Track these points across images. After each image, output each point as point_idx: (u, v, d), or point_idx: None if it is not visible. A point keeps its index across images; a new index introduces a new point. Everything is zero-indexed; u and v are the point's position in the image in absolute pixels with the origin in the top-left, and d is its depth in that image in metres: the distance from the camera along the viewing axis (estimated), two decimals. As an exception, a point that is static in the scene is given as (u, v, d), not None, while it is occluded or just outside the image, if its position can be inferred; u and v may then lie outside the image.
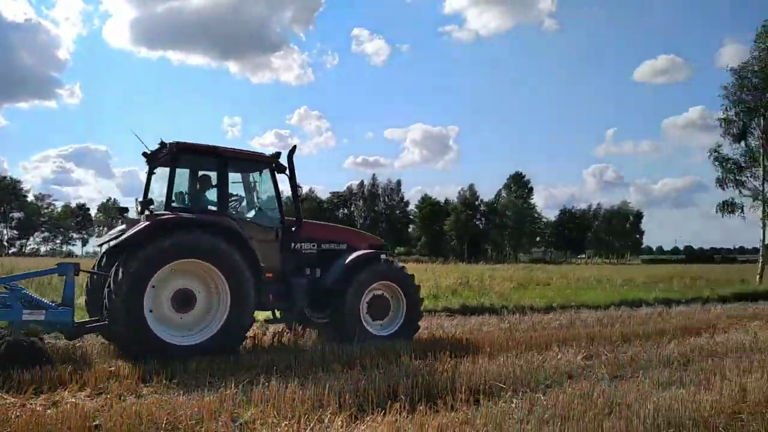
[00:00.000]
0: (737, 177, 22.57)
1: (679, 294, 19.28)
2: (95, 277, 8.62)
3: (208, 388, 5.88)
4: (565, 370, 7.11)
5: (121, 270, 7.19)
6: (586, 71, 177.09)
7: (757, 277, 23.21)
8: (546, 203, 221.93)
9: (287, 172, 9.15)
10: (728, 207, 22.92)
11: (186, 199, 8.89)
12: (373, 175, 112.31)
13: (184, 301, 7.69)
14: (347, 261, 9.08)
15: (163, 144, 8.43)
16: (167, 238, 7.46)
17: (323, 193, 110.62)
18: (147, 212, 7.88)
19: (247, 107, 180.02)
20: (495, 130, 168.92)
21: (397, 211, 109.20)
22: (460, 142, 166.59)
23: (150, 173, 9.07)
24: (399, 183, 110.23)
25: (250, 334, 8.43)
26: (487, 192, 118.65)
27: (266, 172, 9.26)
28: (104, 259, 8.66)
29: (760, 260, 23.92)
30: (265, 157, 9.20)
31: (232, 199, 9.03)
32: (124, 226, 8.37)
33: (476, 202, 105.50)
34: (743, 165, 22.54)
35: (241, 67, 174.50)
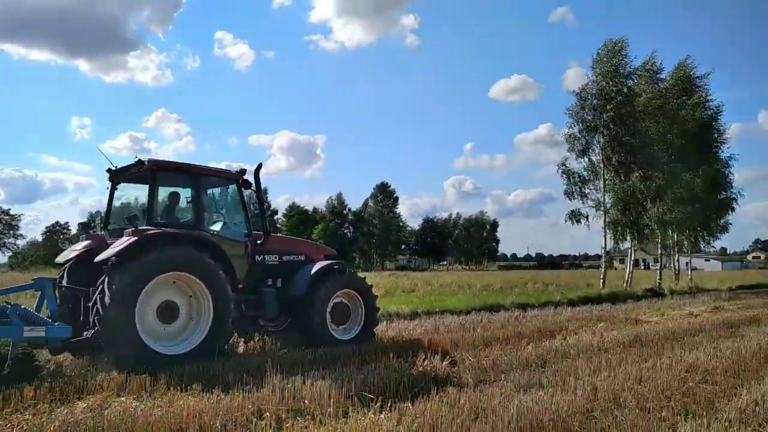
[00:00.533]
0: (582, 189, 24.56)
1: (533, 298, 20.43)
2: (64, 291, 8.48)
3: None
4: (432, 376, 7.17)
5: (114, 282, 7.36)
6: (445, 87, 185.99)
7: (601, 281, 25.26)
8: (410, 212, 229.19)
9: (253, 187, 9.61)
10: (575, 216, 24.84)
11: (159, 214, 8.91)
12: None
13: (168, 312, 8.01)
14: (312, 272, 9.75)
15: (140, 162, 8.58)
16: (155, 252, 7.77)
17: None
18: (131, 227, 8.19)
19: (99, 108, 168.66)
20: (362, 140, 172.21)
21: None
22: (327, 150, 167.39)
23: (113, 189, 9.36)
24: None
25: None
26: (354, 201, 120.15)
27: (233, 188, 9.71)
28: (68, 274, 8.59)
29: (603, 266, 26.13)
30: (232, 174, 9.61)
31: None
32: (88, 242, 8.66)
33: (344, 211, 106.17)
34: (587, 178, 24.59)
35: (92, 66, 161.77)
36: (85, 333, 7.53)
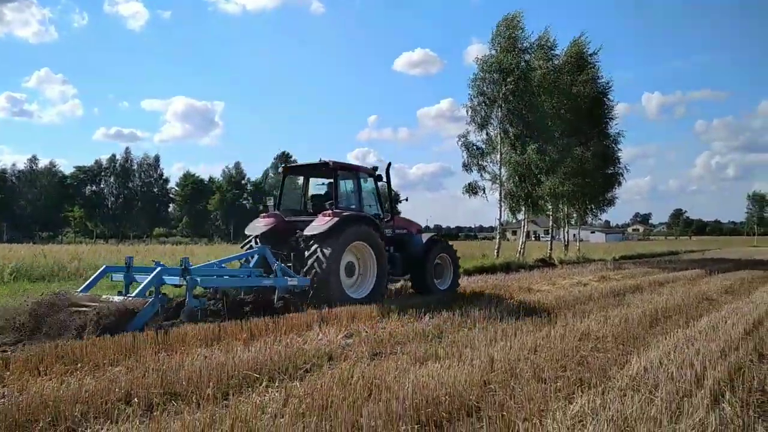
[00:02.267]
0: (480, 162, 24.91)
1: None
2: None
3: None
4: (326, 351, 6.76)
5: (326, 248, 10.44)
6: (350, 58, 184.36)
7: (495, 251, 25.89)
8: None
9: (384, 180, 12.90)
10: (472, 189, 25.17)
11: (326, 201, 11.73)
12: (126, 148, 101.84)
13: (350, 270, 11.33)
14: (424, 241, 13.31)
15: (325, 163, 11.68)
16: (349, 228, 10.87)
17: (67, 168, 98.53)
18: (330, 209, 10.99)
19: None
20: (263, 109, 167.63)
21: (155, 189, 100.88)
22: (226, 118, 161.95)
23: (285, 179, 12.85)
24: (157, 158, 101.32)
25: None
26: (254, 171, 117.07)
27: (371, 180, 12.82)
28: (257, 241, 11.61)
29: (497, 237, 26.83)
30: (371, 170, 12.77)
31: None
32: (271, 219, 11.76)
33: (243, 181, 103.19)
34: (485, 151, 24.94)
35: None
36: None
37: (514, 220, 27.39)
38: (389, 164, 13.15)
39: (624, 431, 3.98)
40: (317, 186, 12.94)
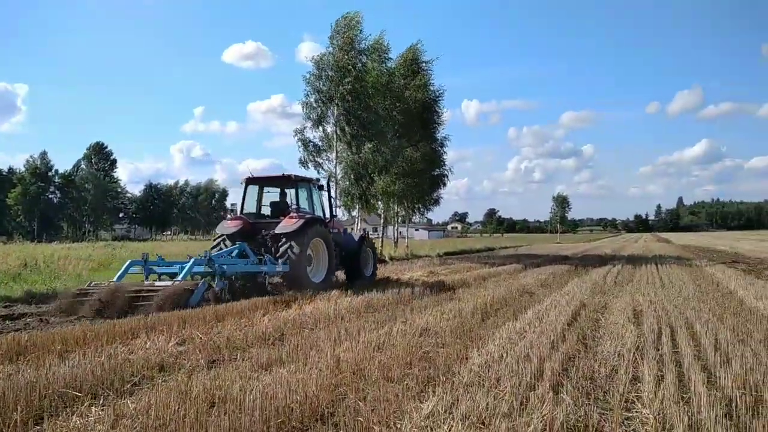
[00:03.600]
0: (316, 159, 24.74)
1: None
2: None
3: None
4: (156, 361, 6.11)
5: (297, 243, 12.74)
6: (176, 44, 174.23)
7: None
8: (131, 177, 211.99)
9: (325, 188, 15.31)
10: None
11: (282, 207, 14.59)
12: None
13: (308, 261, 13.49)
14: (357, 239, 16.11)
15: (287, 176, 14.37)
16: (312, 228, 13.37)
17: None
18: (294, 213, 13.54)
19: None
20: (76, 94, 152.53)
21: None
22: (30, 102, 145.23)
23: (247, 189, 14.62)
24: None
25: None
26: (63, 162, 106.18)
27: (316, 189, 15.11)
28: (230, 239, 13.53)
29: (331, 234, 26.88)
30: (315, 180, 15.33)
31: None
32: (238, 221, 13.75)
33: (50, 173, 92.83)
34: (321, 148, 24.82)
35: None
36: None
37: (346, 217, 27.61)
38: (329, 177, 18.22)
39: (480, 429, 3.99)
40: (268, 194, 15.08)
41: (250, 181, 14.52)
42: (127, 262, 11.87)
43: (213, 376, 5.36)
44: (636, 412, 4.50)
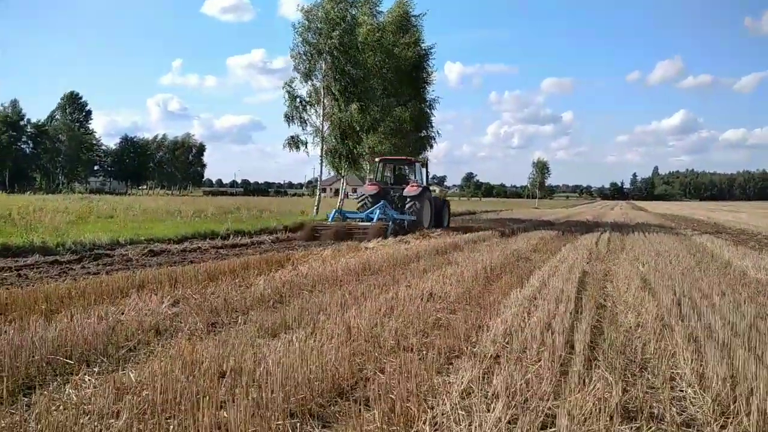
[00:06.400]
0: (302, 114, 23.95)
1: (249, 225, 19.39)
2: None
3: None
4: (151, 323, 5.65)
5: (420, 201, 19.53)
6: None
7: (315, 208, 25.36)
8: (106, 130, 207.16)
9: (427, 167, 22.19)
10: (294, 143, 24.16)
11: (401, 178, 22.02)
12: None
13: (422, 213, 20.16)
14: (443, 201, 23.19)
15: (409, 159, 22.36)
16: (424, 192, 20.16)
17: None
18: (413, 183, 20.52)
19: None
20: (47, 40, 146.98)
21: None
22: (1, 50, 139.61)
23: (378, 165, 21.78)
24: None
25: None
26: (36, 112, 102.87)
27: (420, 167, 21.72)
28: (367, 199, 19.88)
29: (318, 193, 26.28)
30: (421, 160, 22.82)
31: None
32: (375, 186, 20.14)
33: (22, 122, 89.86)
34: (308, 102, 24.00)
35: None
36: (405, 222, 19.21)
37: (331, 174, 27.03)
38: (427, 160, 24.19)
39: (524, 409, 3.61)
40: (388, 170, 22.43)
41: (382, 160, 21.86)
42: (333, 211, 19.24)
43: (218, 342, 4.90)
44: (680, 390, 4.19)
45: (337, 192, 76.51)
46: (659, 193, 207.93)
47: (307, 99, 23.98)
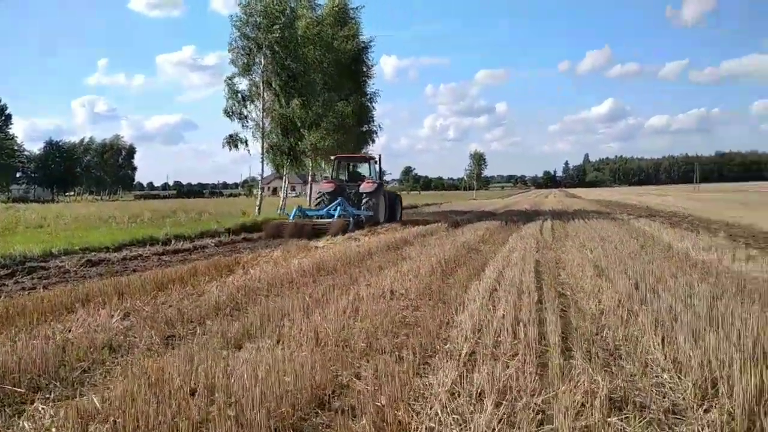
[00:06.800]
0: (241, 110, 23.29)
1: (188, 229, 18.71)
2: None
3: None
4: (103, 340, 5.28)
5: (375, 198, 20.47)
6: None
7: (257, 208, 24.76)
8: (27, 135, 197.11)
9: (376, 162, 22.64)
10: (234, 141, 23.49)
11: (356, 175, 23.04)
12: None
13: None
14: (394, 196, 24.30)
15: (370, 156, 23.79)
16: (380, 189, 21.26)
17: None
18: (369, 179, 21.43)
19: None
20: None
21: None
22: None
23: (338, 164, 22.69)
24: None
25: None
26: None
27: (374, 164, 22.61)
28: (329, 196, 20.30)
29: (260, 193, 25.66)
30: (375, 158, 22.89)
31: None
32: (331, 184, 20.64)
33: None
34: (247, 97, 23.34)
35: None
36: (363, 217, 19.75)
37: (271, 172, 26.45)
38: (380, 156, 23.05)
39: (515, 407, 3.53)
40: (343, 167, 23.17)
41: (338, 158, 22.63)
42: (295, 209, 19.40)
43: (182, 358, 4.61)
44: (656, 377, 4.22)
45: (275, 191, 75.16)
46: (591, 180, 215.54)
47: (247, 94, 23.34)
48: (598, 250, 11.44)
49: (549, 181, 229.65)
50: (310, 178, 31.15)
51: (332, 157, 22.53)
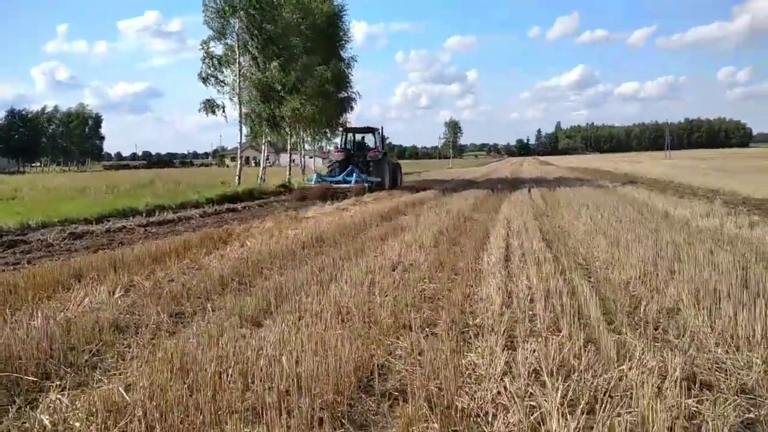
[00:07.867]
0: (217, 75, 22.45)
1: (168, 199, 18.09)
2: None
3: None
4: (108, 319, 4.88)
5: (381, 165, 22.97)
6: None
7: (236, 178, 24.14)
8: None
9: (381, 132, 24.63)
10: (210, 106, 22.68)
11: (363, 145, 24.84)
12: None
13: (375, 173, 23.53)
14: (394, 162, 27.16)
15: (372, 128, 24.56)
16: (385, 157, 23.91)
17: None
18: (374, 149, 23.87)
19: None
20: None
21: None
22: None
23: (346, 135, 24.53)
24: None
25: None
26: None
27: (379, 134, 24.50)
28: (340, 164, 22.65)
29: (239, 162, 24.95)
30: (377, 128, 24.52)
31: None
32: (342, 153, 22.95)
33: None
34: (223, 61, 22.49)
35: None
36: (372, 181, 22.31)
37: (241, 144, 25.75)
38: (381, 127, 24.55)
39: (580, 384, 3.27)
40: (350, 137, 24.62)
41: (345, 129, 25.18)
42: (314, 176, 22.37)
43: (200, 337, 4.26)
44: (710, 352, 4.00)
45: (248, 161, 73.55)
46: (563, 147, 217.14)
47: (223, 58, 22.48)
48: (598, 218, 11.26)
49: (522, 148, 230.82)
50: (289, 147, 30.51)
51: (340, 129, 26.80)
